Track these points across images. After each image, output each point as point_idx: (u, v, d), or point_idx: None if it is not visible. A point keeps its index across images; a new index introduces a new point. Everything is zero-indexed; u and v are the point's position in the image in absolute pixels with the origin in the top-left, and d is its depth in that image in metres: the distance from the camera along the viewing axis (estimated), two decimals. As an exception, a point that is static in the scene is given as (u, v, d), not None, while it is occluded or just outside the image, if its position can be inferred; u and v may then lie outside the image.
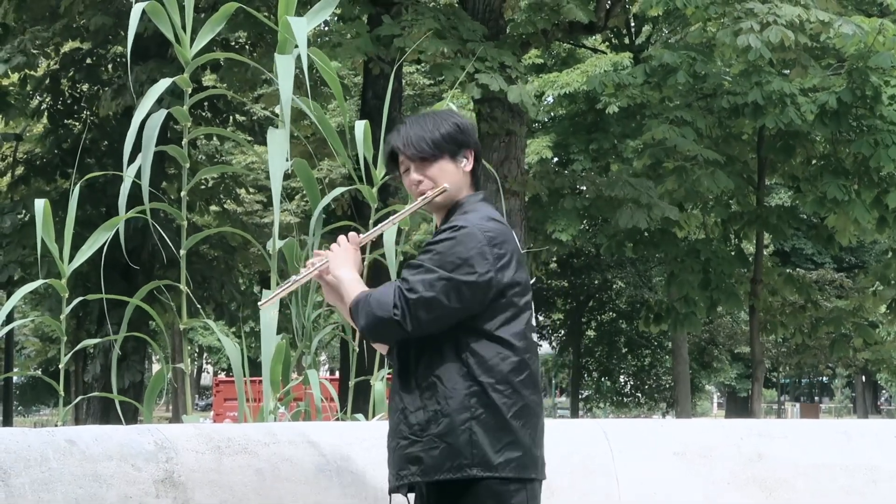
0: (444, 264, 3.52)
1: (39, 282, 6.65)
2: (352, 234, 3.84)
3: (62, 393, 6.40)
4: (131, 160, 6.19)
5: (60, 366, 6.46)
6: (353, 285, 3.70)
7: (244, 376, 6.08)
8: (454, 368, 3.52)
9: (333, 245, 3.81)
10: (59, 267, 6.36)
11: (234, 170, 14.61)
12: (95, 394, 8.70)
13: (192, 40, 6.37)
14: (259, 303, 3.98)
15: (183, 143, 6.49)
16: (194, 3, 6.42)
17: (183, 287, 6.23)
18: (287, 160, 6.14)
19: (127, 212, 6.19)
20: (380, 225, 3.96)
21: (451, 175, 3.72)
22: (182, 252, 6.33)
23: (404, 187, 3.86)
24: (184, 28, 6.32)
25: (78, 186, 6.42)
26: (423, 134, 3.70)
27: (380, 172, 6.64)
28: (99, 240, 6.25)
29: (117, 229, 6.27)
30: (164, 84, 6.19)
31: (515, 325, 3.60)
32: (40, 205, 6.32)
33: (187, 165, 6.48)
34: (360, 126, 6.66)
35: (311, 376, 6.29)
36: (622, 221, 19.15)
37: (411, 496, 3.67)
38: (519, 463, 3.53)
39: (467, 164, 3.75)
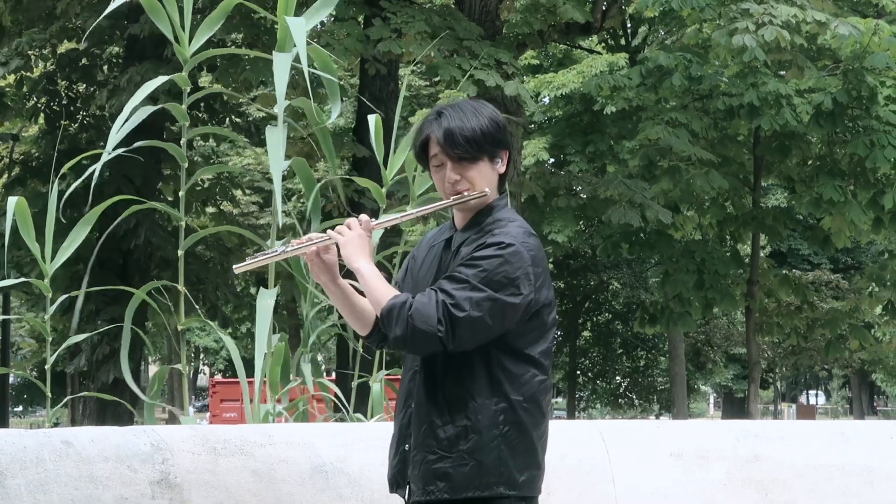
0: (490, 283, 3.41)
1: (19, 280, 6.63)
2: (363, 217, 3.59)
3: (48, 394, 6.35)
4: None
5: (46, 366, 6.40)
6: (379, 284, 3.50)
7: (247, 377, 6.05)
8: (484, 384, 3.46)
9: (342, 228, 3.56)
10: (41, 266, 6.31)
11: (232, 170, 14.62)
12: (87, 393, 8.66)
13: (191, 39, 6.36)
14: (234, 266, 3.65)
15: (182, 142, 6.46)
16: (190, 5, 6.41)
17: (181, 287, 6.21)
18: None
19: (121, 212, 6.17)
20: (400, 214, 3.77)
21: (488, 177, 3.58)
22: (180, 252, 6.31)
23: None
24: (182, 26, 6.30)
25: (57, 185, 6.35)
26: (465, 132, 3.53)
27: (390, 173, 6.62)
28: (79, 235, 6.19)
29: (111, 229, 6.23)
30: (160, 80, 6.18)
31: (543, 343, 3.55)
32: (13, 202, 6.24)
33: (186, 165, 6.46)
34: (373, 119, 6.62)
35: (304, 371, 6.27)
36: (614, 218, 19.23)
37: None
38: (535, 481, 3.52)
39: (501, 165, 3.63)
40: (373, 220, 3.62)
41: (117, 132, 6.04)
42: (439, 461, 3.46)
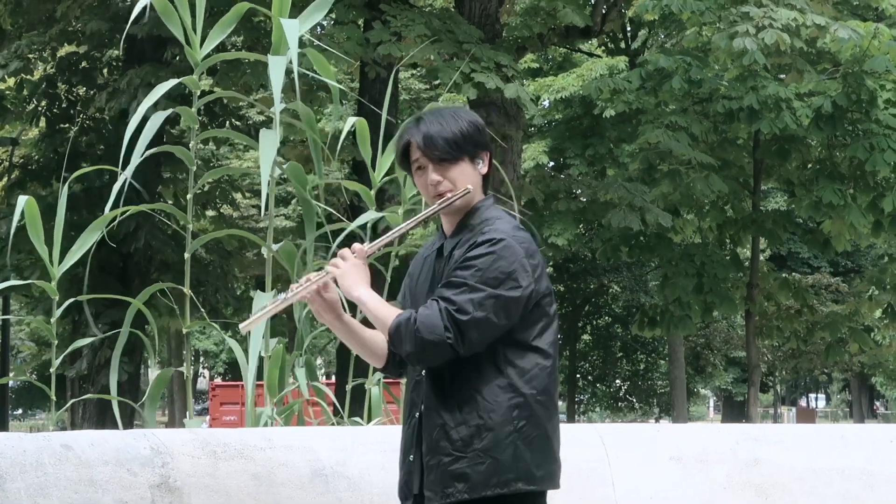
0: (487, 281, 3.41)
1: (25, 281, 6.63)
2: (356, 246, 3.60)
3: (53, 397, 6.35)
4: (127, 159, 6.12)
5: (52, 369, 6.40)
6: (383, 308, 3.51)
7: (256, 380, 6.03)
8: (494, 381, 3.45)
9: (337, 260, 3.56)
10: (48, 269, 6.30)
11: (238, 171, 14.63)
12: (88, 396, 8.66)
13: (201, 42, 6.36)
14: (240, 325, 3.69)
15: (191, 145, 6.48)
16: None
17: (186, 290, 6.22)
18: (280, 162, 6.15)
19: (122, 213, 6.16)
20: (390, 234, 3.76)
21: (469, 178, 3.57)
22: (187, 255, 6.33)
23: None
24: (194, 29, 6.31)
25: (66, 188, 6.35)
26: (445, 133, 3.54)
27: (378, 175, 6.60)
28: (88, 240, 6.19)
29: (108, 230, 6.21)
30: (170, 83, 6.19)
31: (549, 334, 3.55)
32: (22, 201, 6.21)
33: (194, 168, 6.48)
34: (351, 121, 6.57)
35: (298, 376, 6.26)
36: (614, 221, 19.23)
37: None
38: (554, 475, 3.51)
39: (483, 166, 3.62)
40: (364, 246, 3.63)
41: (130, 138, 6.01)
42: (455, 462, 3.44)
